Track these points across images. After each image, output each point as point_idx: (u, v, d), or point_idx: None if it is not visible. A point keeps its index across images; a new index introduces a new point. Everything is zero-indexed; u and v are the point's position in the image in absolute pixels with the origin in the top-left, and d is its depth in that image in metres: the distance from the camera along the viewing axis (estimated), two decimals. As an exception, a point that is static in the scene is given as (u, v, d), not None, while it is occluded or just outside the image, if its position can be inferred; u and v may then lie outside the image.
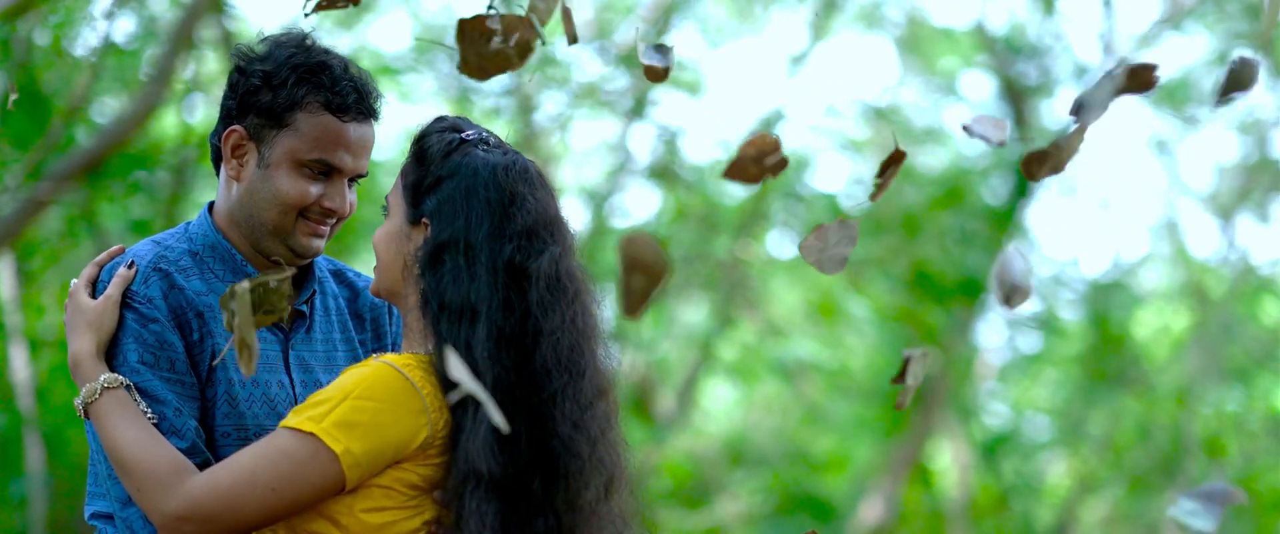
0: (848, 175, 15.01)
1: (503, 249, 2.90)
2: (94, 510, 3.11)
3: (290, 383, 3.13)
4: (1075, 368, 15.50)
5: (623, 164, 13.40)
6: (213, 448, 3.02)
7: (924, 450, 14.89)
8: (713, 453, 15.46)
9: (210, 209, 3.19)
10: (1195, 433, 14.00)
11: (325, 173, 3.09)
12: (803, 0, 13.02)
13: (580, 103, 13.03)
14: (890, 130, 13.27)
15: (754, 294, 14.39)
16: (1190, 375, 14.33)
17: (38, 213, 8.83)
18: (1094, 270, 16.17)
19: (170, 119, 10.57)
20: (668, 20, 13.11)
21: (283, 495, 2.80)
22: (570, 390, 2.89)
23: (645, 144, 13.76)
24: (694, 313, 14.95)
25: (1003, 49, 14.01)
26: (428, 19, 13.38)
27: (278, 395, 3.11)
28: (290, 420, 2.84)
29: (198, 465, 2.91)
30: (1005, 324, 15.27)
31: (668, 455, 14.26)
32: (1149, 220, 18.44)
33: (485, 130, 3.02)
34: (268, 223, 3.10)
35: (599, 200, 13.09)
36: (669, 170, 13.42)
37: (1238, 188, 14.70)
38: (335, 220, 3.13)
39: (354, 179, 3.13)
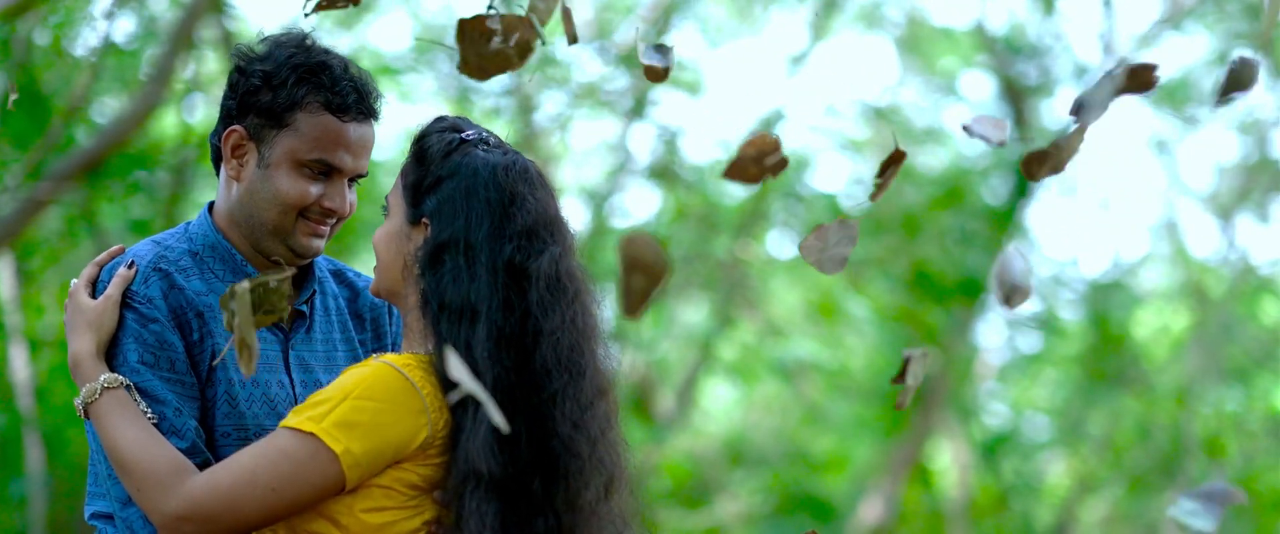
0: (848, 175, 15.01)
1: (503, 249, 2.90)
2: (94, 510, 3.11)
3: (290, 383, 3.13)
4: (1075, 368, 15.49)
5: (623, 164, 13.40)
6: (212, 448, 3.02)
7: (924, 450, 14.88)
8: (712, 453, 15.45)
9: (210, 209, 3.19)
10: (1195, 433, 13.99)
11: (325, 173, 3.09)
12: (803, 0, 13.02)
13: (580, 103, 13.03)
14: (890, 130, 13.27)
15: (754, 294, 14.38)
16: (1190, 375, 14.32)
17: (37, 213, 8.82)
18: (1094, 270, 16.18)
19: (170, 119, 10.57)
20: (668, 20, 13.10)
21: (283, 495, 2.80)
22: (570, 390, 2.89)
23: (645, 144, 13.77)
24: (694, 313, 14.94)
25: (1003, 49, 14.00)
26: (428, 19, 13.37)
27: (278, 395, 3.11)
28: (290, 420, 2.84)
29: (198, 465, 2.91)
30: (1005, 324, 15.27)
31: (667, 455, 14.26)
32: (1149, 220, 18.44)
33: (485, 130, 3.02)
34: (268, 223, 3.10)
35: (599, 200, 13.09)
36: (669, 170, 13.42)
37: (1238, 188, 14.70)
38: (335, 220, 3.13)
39: (354, 179, 3.13)
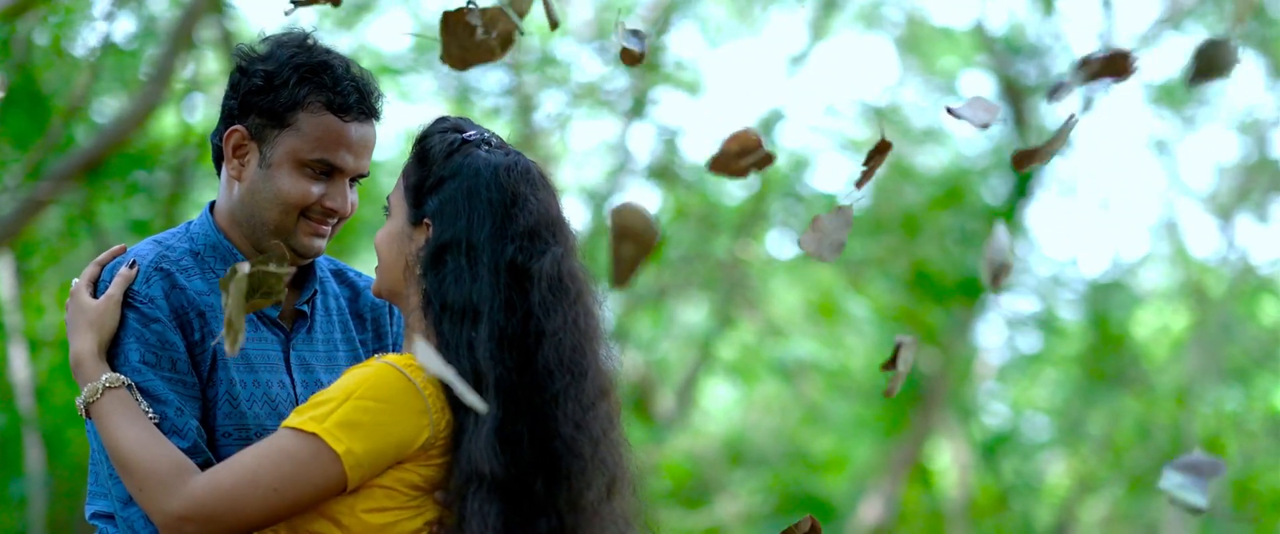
0: (848, 175, 15.01)
1: (505, 250, 2.90)
2: (95, 510, 3.11)
3: (291, 383, 3.13)
4: (1075, 368, 15.50)
5: (623, 164, 13.41)
6: (214, 448, 3.02)
7: (923, 450, 14.89)
8: (712, 453, 15.46)
9: (211, 209, 3.19)
10: (1195, 433, 14.00)
11: (327, 173, 3.09)
12: (802, 0, 13.02)
13: (580, 102, 13.03)
14: (880, 123, 13.27)
15: (754, 294, 14.39)
16: (1190, 375, 14.34)
17: (37, 213, 8.82)
18: (1094, 270, 16.20)
19: (170, 119, 10.57)
20: (668, 20, 13.10)
21: (284, 496, 2.80)
22: (572, 391, 2.89)
23: (645, 144, 13.78)
24: (694, 313, 14.95)
25: (1002, 49, 14.00)
26: (428, 19, 13.38)
27: (279, 395, 3.10)
28: (292, 421, 2.84)
29: (199, 465, 2.91)
30: (1005, 324, 15.27)
31: (668, 455, 14.26)
32: (1149, 220, 18.45)
33: (487, 131, 3.02)
34: (269, 222, 3.10)
35: (599, 200, 13.09)
36: (669, 170, 13.42)
37: (1237, 188, 14.71)
38: (337, 220, 3.13)
39: (355, 179, 3.13)
